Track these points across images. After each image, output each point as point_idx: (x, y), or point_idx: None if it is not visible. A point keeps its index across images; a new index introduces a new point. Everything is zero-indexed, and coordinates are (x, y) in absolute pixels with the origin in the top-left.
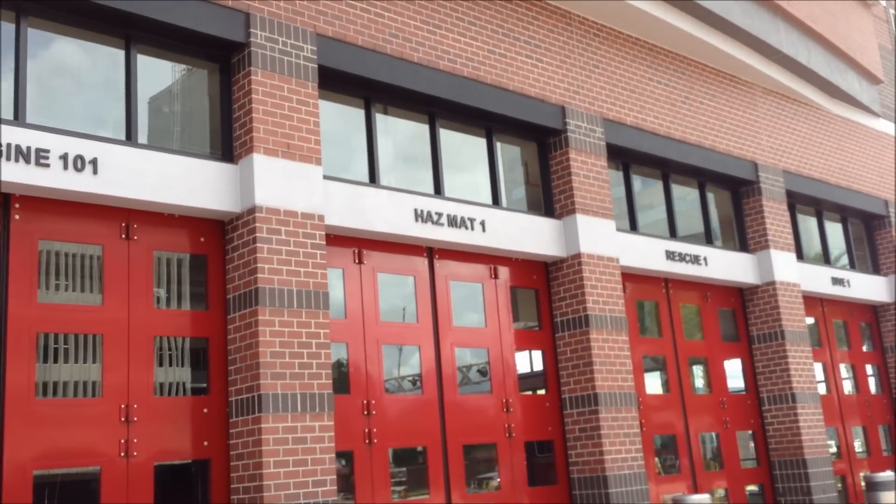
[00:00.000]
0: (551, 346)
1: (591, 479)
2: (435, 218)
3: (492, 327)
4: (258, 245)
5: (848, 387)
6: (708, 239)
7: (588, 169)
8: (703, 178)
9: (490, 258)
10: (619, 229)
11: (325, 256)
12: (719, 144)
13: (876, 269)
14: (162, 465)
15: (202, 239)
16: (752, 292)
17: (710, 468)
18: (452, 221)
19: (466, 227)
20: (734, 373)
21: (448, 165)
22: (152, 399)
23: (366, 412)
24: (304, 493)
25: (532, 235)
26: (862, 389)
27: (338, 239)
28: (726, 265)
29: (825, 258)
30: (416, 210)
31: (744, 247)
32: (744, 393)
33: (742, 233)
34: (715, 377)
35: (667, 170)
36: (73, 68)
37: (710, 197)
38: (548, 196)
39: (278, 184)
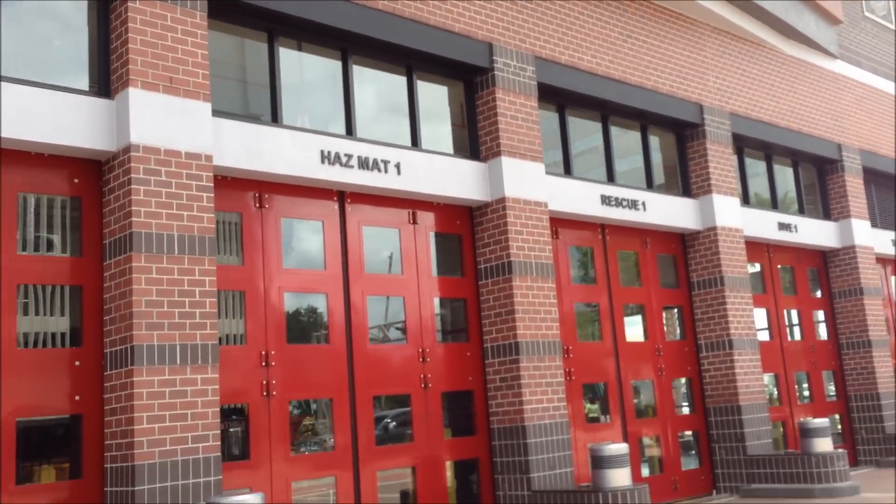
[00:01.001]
0: (474, 295)
1: (510, 430)
2: (344, 160)
3: (409, 275)
4: (133, 187)
5: (795, 333)
6: (649, 184)
7: (517, 110)
8: (645, 120)
9: (408, 202)
10: (550, 173)
11: (212, 199)
12: (662, 85)
13: (826, 215)
14: (27, 421)
15: (76, 180)
16: (693, 238)
17: (643, 416)
18: (364, 164)
19: (380, 170)
20: (673, 320)
21: (362, 105)
22: (15, 351)
23: (264, 363)
24: (183, 450)
25: (455, 179)
26: (807, 336)
27: (236, 182)
28: (667, 210)
29: (773, 203)
30: (322, 151)
31: (687, 192)
32: (682, 340)
33: (686, 177)
34: (651, 325)
35: (606, 112)
36: None
37: (653, 140)
38: (473, 138)
39: (158, 121)
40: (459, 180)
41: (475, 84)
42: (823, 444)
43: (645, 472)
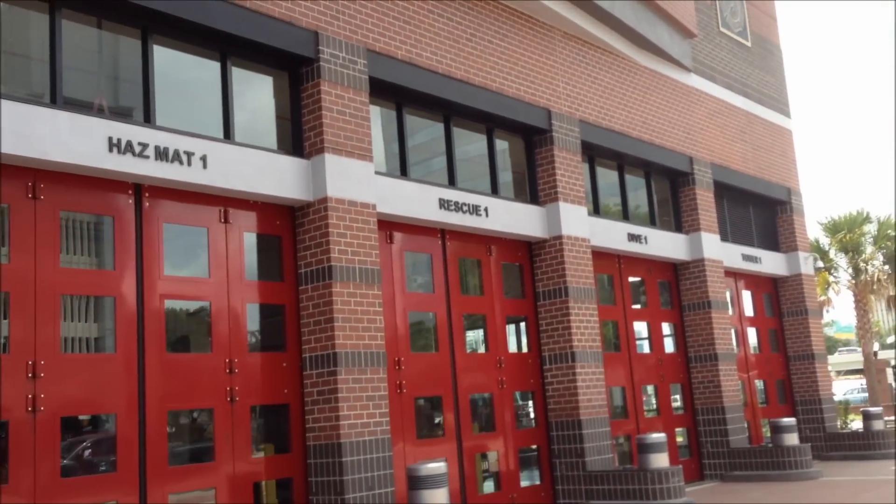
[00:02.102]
0: (294, 301)
1: (326, 447)
2: (139, 150)
3: (217, 278)
4: None
5: (644, 346)
6: (494, 189)
7: (344, 104)
8: (491, 123)
9: (219, 200)
10: (383, 173)
11: None
12: (508, 88)
13: (678, 228)
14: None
15: None
16: (539, 247)
17: (482, 431)
18: (163, 155)
19: (182, 163)
20: (518, 331)
21: (166, 90)
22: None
23: (30, 374)
24: None
25: (273, 176)
26: (656, 348)
27: (6, 169)
28: (512, 217)
29: (624, 214)
30: (111, 139)
31: (534, 199)
32: (526, 352)
33: (533, 184)
34: (493, 336)
35: (449, 112)
36: None
37: (501, 145)
38: (297, 133)
39: None
40: (279, 177)
41: (300, 75)
42: (660, 460)
43: (483, 489)
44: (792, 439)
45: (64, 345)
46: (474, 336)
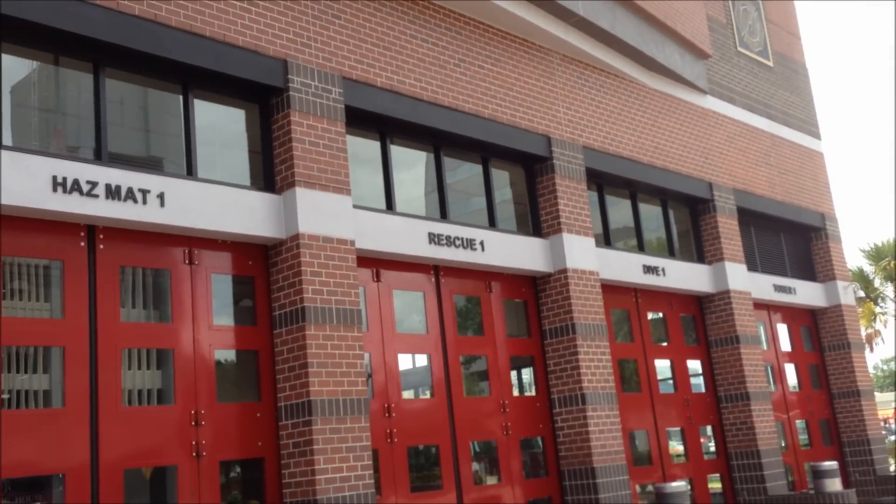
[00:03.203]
0: (268, 346)
1: None
2: (87, 188)
3: (181, 323)
4: None
5: (668, 386)
6: (491, 222)
7: (318, 135)
8: (485, 152)
9: (181, 240)
10: (365, 207)
11: None
12: (502, 115)
13: (700, 258)
14: None
15: None
16: (544, 281)
17: (483, 482)
18: (114, 193)
19: (136, 201)
20: (523, 372)
21: (119, 125)
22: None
23: None
24: None
25: (242, 213)
26: (681, 387)
27: None
28: (511, 251)
29: (639, 245)
30: (55, 178)
31: (536, 231)
32: (532, 395)
33: (536, 215)
34: (495, 378)
35: (438, 142)
36: None
37: (499, 175)
38: (269, 167)
39: None
40: (248, 215)
41: (270, 106)
42: None
43: None
44: (835, 485)
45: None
46: (473, 378)
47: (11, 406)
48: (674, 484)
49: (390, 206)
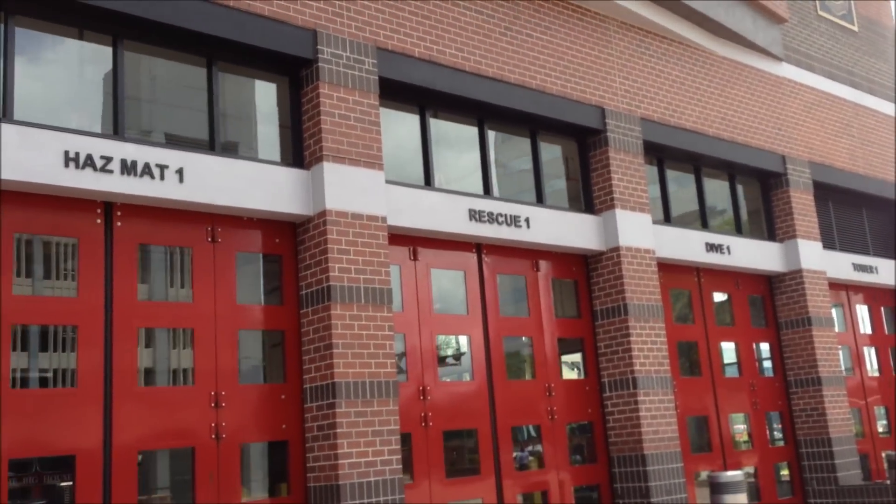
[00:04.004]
0: (295, 326)
1: (326, 489)
2: (101, 164)
3: (203, 303)
4: None
5: (732, 370)
6: (539, 197)
7: (348, 108)
8: (533, 125)
9: (206, 217)
10: (399, 182)
11: None
12: (552, 85)
13: (771, 235)
14: None
15: None
16: (595, 260)
17: (527, 468)
18: (131, 170)
19: (154, 177)
20: (574, 355)
21: (137, 99)
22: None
23: None
24: None
25: (267, 189)
26: (747, 371)
27: None
28: (561, 228)
29: (703, 222)
30: (66, 153)
31: (589, 207)
32: (583, 378)
33: (588, 191)
34: (541, 360)
35: (482, 114)
36: None
37: (547, 148)
38: (297, 142)
39: None
40: (274, 191)
41: (300, 79)
42: (737, 501)
43: None
44: None
45: (11, 381)
46: (518, 360)
47: (26, 385)
48: (729, 473)
49: (428, 181)
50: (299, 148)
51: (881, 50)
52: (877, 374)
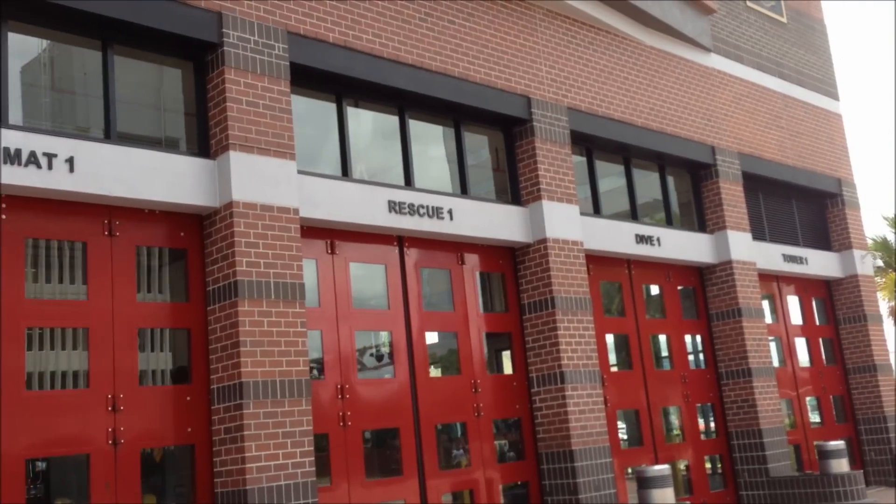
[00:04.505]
0: (202, 324)
1: (234, 494)
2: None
3: (97, 301)
4: None
5: (664, 362)
6: (463, 188)
7: (257, 95)
8: (457, 115)
9: (101, 209)
10: (313, 173)
11: None
12: (475, 74)
13: (702, 226)
14: None
15: None
16: (523, 253)
17: (448, 467)
18: (14, 158)
19: (40, 167)
20: (500, 350)
21: (27, 89)
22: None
23: None
24: None
25: (168, 179)
26: (678, 364)
27: None
28: (486, 220)
29: (633, 213)
30: None
31: (516, 199)
32: (510, 374)
33: (515, 183)
34: (465, 356)
35: (402, 103)
36: None
37: (472, 139)
38: (203, 130)
39: None
40: (176, 181)
41: (205, 64)
42: (664, 496)
43: None
44: (840, 465)
45: None
46: (441, 356)
47: None
48: (656, 467)
49: (346, 172)
50: (205, 137)
51: (810, 42)
52: (808, 364)
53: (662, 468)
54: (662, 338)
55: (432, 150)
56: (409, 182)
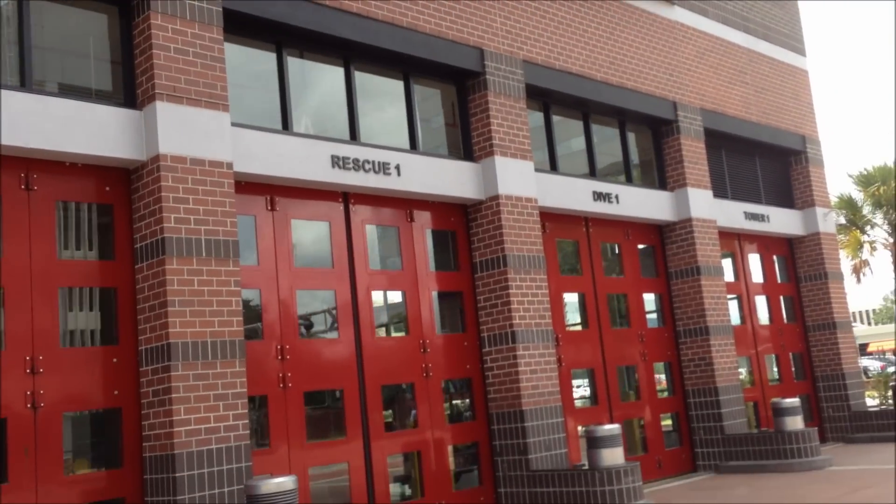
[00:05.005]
0: (129, 284)
1: (162, 459)
2: None
3: (14, 259)
4: None
5: (621, 321)
6: (412, 144)
7: (187, 42)
8: (406, 67)
9: (16, 162)
10: (250, 126)
11: None
12: (424, 24)
13: (662, 184)
14: None
15: None
16: (475, 210)
17: (398, 428)
18: None
19: None
20: (453, 308)
21: None
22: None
23: None
24: None
25: (88, 131)
26: (636, 322)
27: None
28: (435, 176)
29: (591, 170)
30: None
31: (468, 154)
32: (461, 333)
33: (467, 137)
34: (414, 316)
35: (348, 54)
36: None
37: (423, 92)
38: (129, 79)
39: None
40: (98, 133)
41: (131, 8)
42: (613, 456)
43: (405, 494)
44: (795, 423)
45: None
46: (393, 316)
47: None
48: (606, 426)
49: (287, 125)
50: (131, 86)
51: None
52: (768, 322)
53: (612, 427)
54: (620, 296)
55: (381, 104)
56: (354, 137)
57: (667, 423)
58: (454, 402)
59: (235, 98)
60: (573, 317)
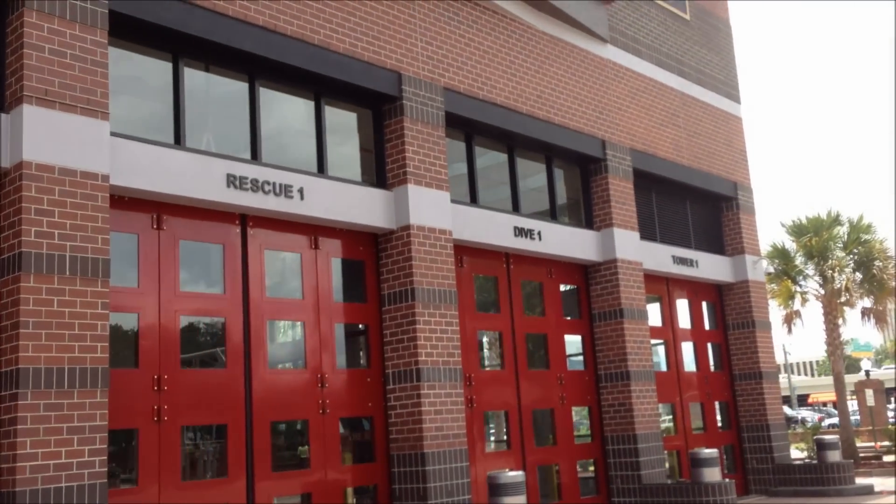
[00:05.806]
0: None
1: (2, 496)
2: None
3: None
4: None
5: (539, 363)
6: (320, 167)
7: (64, 43)
8: (317, 87)
9: None
10: (136, 138)
11: None
12: (337, 43)
13: (588, 223)
14: None
15: None
16: (385, 240)
17: (288, 467)
18: None
19: None
20: (357, 343)
21: None
22: None
23: None
24: None
25: None
26: (555, 364)
27: None
28: (341, 203)
29: (514, 205)
30: None
31: (381, 181)
32: (364, 368)
33: (381, 163)
34: (312, 348)
35: (252, 69)
36: None
37: (335, 116)
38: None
39: None
40: None
41: (5, 6)
42: (516, 499)
43: None
44: (713, 474)
45: None
46: (285, 348)
47: None
48: (510, 473)
49: (179, 140)
50: (0, 88)
51: (713, 41)
52: (694, 369)
53: (515, 475)
54: (540, 337)
55: (289, 125)
56: (255, 156)
57: (585, 469)
58: (353, 441)
59: (123, 108)
60: (489, 356)
